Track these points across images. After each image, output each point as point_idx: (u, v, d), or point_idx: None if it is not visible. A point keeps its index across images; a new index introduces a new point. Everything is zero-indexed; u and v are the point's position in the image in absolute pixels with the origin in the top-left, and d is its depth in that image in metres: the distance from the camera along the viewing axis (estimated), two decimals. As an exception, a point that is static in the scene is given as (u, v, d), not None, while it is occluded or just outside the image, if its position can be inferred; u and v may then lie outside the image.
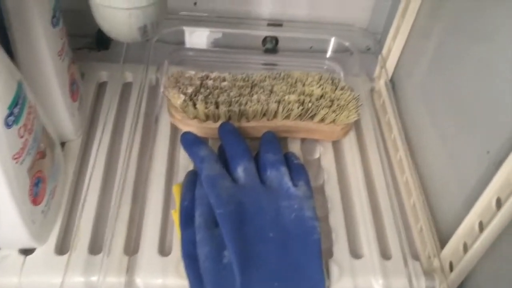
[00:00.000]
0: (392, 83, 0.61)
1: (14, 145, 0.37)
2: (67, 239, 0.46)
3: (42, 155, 0.42)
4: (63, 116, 0.48)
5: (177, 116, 0.51)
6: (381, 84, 0.61)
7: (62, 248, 0.45)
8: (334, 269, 0.44)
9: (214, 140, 0.52)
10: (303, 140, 0.55)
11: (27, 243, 0.42)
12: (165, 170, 0.50)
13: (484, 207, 0.39)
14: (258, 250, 0.41)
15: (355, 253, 0.46)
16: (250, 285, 0.40)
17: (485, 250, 0.40)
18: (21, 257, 0.43)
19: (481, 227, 0.39)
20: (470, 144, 0.44)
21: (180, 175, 0.50)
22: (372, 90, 0.62)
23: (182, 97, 0.49)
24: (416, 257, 0.47)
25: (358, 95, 0.53)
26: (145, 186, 0.49)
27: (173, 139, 0.53)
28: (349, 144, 0.54)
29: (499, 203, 0.37)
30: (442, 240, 0.46)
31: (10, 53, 0.42)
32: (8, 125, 0.36)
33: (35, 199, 0.41)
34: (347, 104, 0.51)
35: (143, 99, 0.55)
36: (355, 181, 0.51)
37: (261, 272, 0.40)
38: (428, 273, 0.44)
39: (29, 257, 0.43)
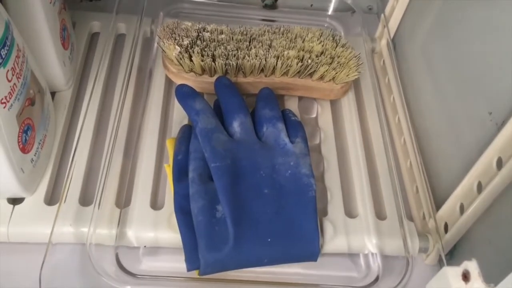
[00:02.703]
0: (393, 44, 0.59)
1: (2, 89, 0.35)
2: (57, 190, 0.45)
3: (31, 102, 0.40)
4: (53, 63, 0.46)
5: (172, 68, 0.50)
6: (382, 44, 0.59)
7: (52, 198, 0.44)
8: (328, 228, 0.44)
9: (209, 96, 0.50)
10: (300, 99, 0.53)
11: (16, 192, 0.41)
12: (159, 124, 0.49)
13: (484, 167, 0.38)
14: (252, 206, 0.41)
15: (350, 213, 0.46)
16: (243, 240, 0.39)
17: (482, 211, 0.39)
18: (10, 206, 0.42)
19: (480, 188, 0.39)
20: (471, 105, 0.43)
21: (174, 130, 0.49)
22: (373, 50, 0.60)
23: (178, 48, 0.48)
24: (410, 218, 0.47)
25: (359, 53, 0.51)
26: (137, 140, 0.47)
27: (167, 93, 0.52)
28: (347, 104, 0.53)
29: (499, 163, 0.37)
30: (438, 202, 0.45)
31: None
32: (-5, 66, 0.34)
33: (24, 147, 0.40)
34: (348, 62, 0.50)
35: (137, 51, 0.54)
36: (352, 141, 0.50)
37: (255, 227, 0.40)
38: (422, 234, 0.44)
39: (18, 206, 0.42)
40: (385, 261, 0.43)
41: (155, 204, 0.44)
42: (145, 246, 0.42)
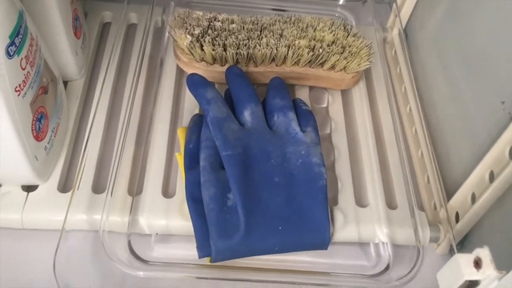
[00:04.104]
0: (405, 34, 0.59)
1: (16, 77, 0.36)
2: (70, 177, 0.45)
3: (44, 90, 0.41)
4: (65, 52, 0.46)
5: (183, 58, 0.50)
6: (394, 34, 0.59)
7: (65, 186, 0.45)
8: (338, 217, 0.44)
9: (220, 85, 0.50)
10: (311, 88, 0.53)
11: (30, 179, 0.42)
12: (170, 114, 0.49)
13: (496, 157, 0.38)
14: (263, 195, 0.41)
15: (361, 202, 0.46)
16: (254, 228, 0.39)
17: (494, 201, 0.39)
18: (24, 193, 0.42)
19: (492, 177, 0.39)
20: (483, 95, 0.43)
21: (185, 119, 0.49)
22: (384, 40, 0.60)
23: (189, 38, 0.48)
24: (421, 208, 0.47)
25: (371, 43, 0.51)
26: (149, 129, 0.48)
27: (178, 83, 0.52)
28: (358, 94, 0.53)
29: (512, 153, 0.37)
30: (449, 192, 0.45)
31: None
32: (9, 55, 0.35)
33: (38, 135, 0.40)
34: (359, 52, 0.50)
35: (148, 41, 0.54)
36: (363, 131, 0.50)
37: (266, 215, 0.40)
38: (433, 224, 0.44)
39: (32, 193, 0.43)
40: (396, 250, 0.43)
41: (167, 192, 0.44)
42: (157, 234, 0.43)
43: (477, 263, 0.26)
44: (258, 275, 0.41)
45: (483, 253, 0.27)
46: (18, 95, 0.36)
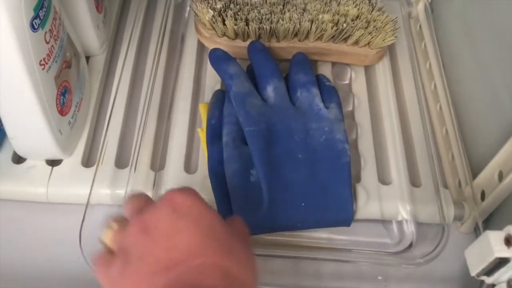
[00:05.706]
0: (431, 9, 0.57)
1: (41, 50, 0.36)
2: (93, 152, 0.46)
3: (68, 64, 0.41)
4: (88, 27, 0.46)
5: (204, 33, 0.49)
6: (419, 9, 0.57)
7: (88, 161, 0.45)
8: (361, 194, 0.43)
9: (242, 61, 0.50)
10: (333, 64, 0.52)
11: (54, 153, 0.42)
12: (191, 90, 0.49)
13: (526, 134, 0.37)
14: (286, 171, 0.41)
15: (384, 180, 0.45)
16: (277, 204, 0.39)
17: (522, 179, 0.38)
18: (48, 168, 0.43)
19: (521, 155, 0.38)
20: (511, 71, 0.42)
21: (207, 95, 0.49)
22: (409, 15, 0.58)
23: (211, 12, 0.47)
24: (445, 186, 0.46)
25: (396, 17, 0.50)
26: (171, 104, 0.48)
27: (200, 58, 0.52)
28: (382, 70, 0.52)
29: (543, 130, 0.36)
30: (474, 170, 0.44)
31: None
32: (34, 28, 0.34)
33: (62, 109, 0.40)
34: (384, 26, 0.49)
35: (169, 16, 0.53)
36: (387, 108, 0.49)
37: (289, 192, 0.40)
38: (457, 202, 0.44)
39: (56, 168, 0.43)
40: (419, 228, 0.43)
41: (189, 167, 0.44)
42: (179, 209, 0.43)
43: (508, 241, 0.26)
44: (279, 251, 0.41)
45: (515, 230, 0.26)
46: (43, 68, 0.36)
